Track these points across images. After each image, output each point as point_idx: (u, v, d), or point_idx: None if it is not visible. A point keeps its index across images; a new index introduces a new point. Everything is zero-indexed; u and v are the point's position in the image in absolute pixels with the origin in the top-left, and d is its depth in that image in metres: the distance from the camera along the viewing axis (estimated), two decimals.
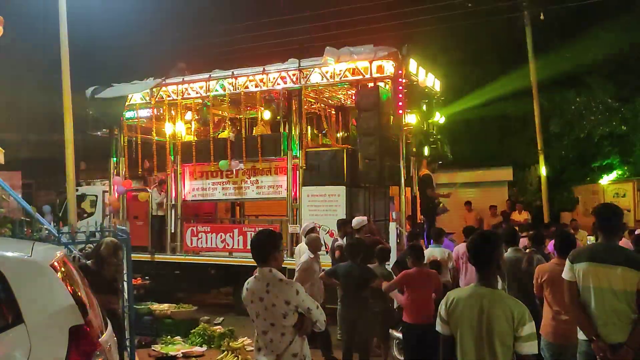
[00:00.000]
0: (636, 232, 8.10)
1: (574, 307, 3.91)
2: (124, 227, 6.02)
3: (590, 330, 3.79)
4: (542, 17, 14.55)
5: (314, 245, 7.02)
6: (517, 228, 7.85)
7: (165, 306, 8.64)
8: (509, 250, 6.25)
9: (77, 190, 11.24)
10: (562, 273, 4.13)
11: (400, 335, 6.29)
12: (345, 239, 7.74)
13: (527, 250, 6.38)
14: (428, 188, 10.44)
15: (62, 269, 3.35)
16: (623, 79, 16.51)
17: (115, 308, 4.90)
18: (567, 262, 4.00)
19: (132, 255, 6.25)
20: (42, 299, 3.08)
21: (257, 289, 3.62)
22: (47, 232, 5.99)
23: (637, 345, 3.66)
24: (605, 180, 16.14)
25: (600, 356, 3.73)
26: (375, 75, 9.20)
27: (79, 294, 3.39)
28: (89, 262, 5.08)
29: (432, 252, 7.64)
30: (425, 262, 7.15)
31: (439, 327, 3.14)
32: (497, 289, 3.12)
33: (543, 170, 15.29)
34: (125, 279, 5.67)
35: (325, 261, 7.82)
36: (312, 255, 6.93)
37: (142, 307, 8.50)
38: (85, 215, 12.63)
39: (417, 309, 5.73)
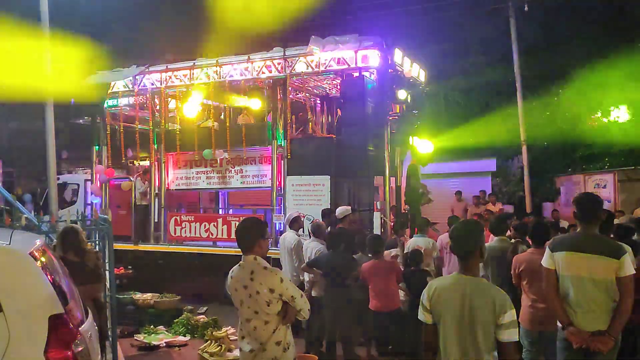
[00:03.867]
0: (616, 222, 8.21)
1: (552, 295, 3.95)
2: (105, 216, 5.95)
3: (565, 319, 3.85)
4: (526, 8, 14.62)
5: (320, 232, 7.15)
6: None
7: (148, 296, 8.60)
8: (495, 239, 6.33)
9: (58, 179, 11.08)
10: (538, 262, 4.19)
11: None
12: (329, 228, 7.77)
13: (512, 240, 6.46)
14: (413, 178, 10.48)
15: (42, 258, 3.30)
16: (605, 70, 16.68)
17: (99, 296, 4.81)
18: (547, 250, 4.05)
19: (115, 244, 6.20)
20: (21, 288, 3.03)
21: (241, 276, 3.61)
22: (27, 220, 5.91)
23: (617, 334, 3.72)
24: (586, 171, 16.36)
25: (576, 344, 3.78)
26: (360, 64, 9.17)
27: (59, 282, 3.34)
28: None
29: (416, 241, 7.69)
30: (407, 251, 7.29)
31: (421, 315, 3.16)
32: (479, 277, 3.14)
33: (525, 161, 15.45)
34: (107, 268, 5.61)
35: None
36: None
37: (125, 296, 8.45)
38: (66, 204, 12.48)
39: (382, 297, 6.18)
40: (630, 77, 14.57)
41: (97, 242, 5.87)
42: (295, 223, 7.70)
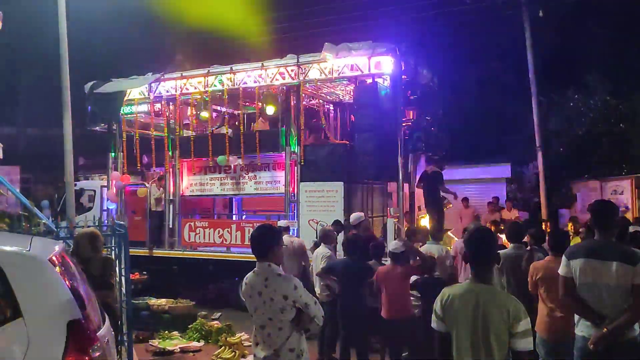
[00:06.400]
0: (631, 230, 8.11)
1: (572, 300, 3.91)
2: (122, 222, 6.02)
3: (593, 316, 3.77)
4: (540, 13, 14.52)
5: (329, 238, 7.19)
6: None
7: (162, 301, 8.66)
8: (511, 246, 6.27)
9: (75, 185, 11.22)
10: (555, 270, 4.15)
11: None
12: (342, 234, 7.78)
13: (528, 248, 6.41)
14: (440, 185, 10.39)
15: (61, 263, 3.36)
16: (621, 76, 16.53)
17: (110, 302, 4.82)
18: (564, 258, 4.02)
19: (130, 250, 6.26)
20: (40, 293, 3.08)
21: (255, 283, 3.63)
22: (45, 226, 6.00)
23: (615, 335, 3.66)
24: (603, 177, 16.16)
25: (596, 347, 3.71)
26: (373, 71, 9.20)
27: (77, 288, 3.40)
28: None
29: (429, 248, 7.63)
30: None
31: (434, 324, 3.15)
32: (492, 285, 3.13)
33: (541, 167, 15.29)
34: (123, 273, 5.66)
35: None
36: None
37: (140, 302, 8.51)
38: (83, 210, 12.61)
39: (395, 303, 6.06)
40: None
41: (113, 248, 5.93)
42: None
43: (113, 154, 11.78)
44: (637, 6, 15.72)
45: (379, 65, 9.14)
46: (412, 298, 6.46)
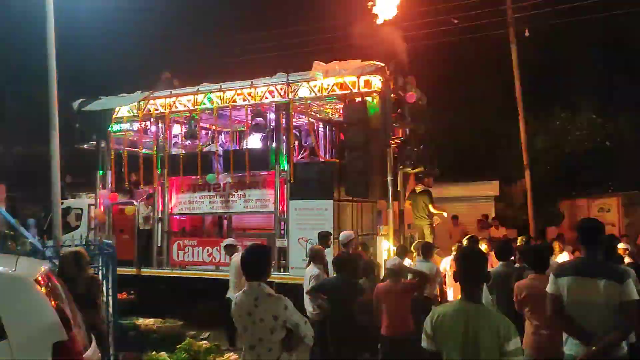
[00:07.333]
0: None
1: (560, 318, 3.92)
2: (109, 241, 5.95)
3: (582, 335, 3.77)
4: (527, 34, 14.77)
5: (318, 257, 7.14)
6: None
7: (150, 321, 8.55)
8: (500, 264, 6.29)
9: (62, 203, 11.11)
10: (539, 288, 4.17)
11: None
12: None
13: (517, 265, 6.43)
14: (431, 204, 10.53)
15: (47, 284, 3.31)
16: (606, 95, 16.83)
17: (96, 322, 4.72)
18: (551, 276, 4.04)
19: (118, 269, 6.20)
20: (26, 315, 3.03)
21: (245, 303, 3.60)
22: (31, 245, 5.92)
23: (603, 353, 3.66)
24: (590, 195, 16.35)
25: None
26: (362, 89, 9.26)
27: (63, 309, 3.34)
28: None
29: (420, 267, 7.63)
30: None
31: (424, 343, 3.14)
32: (482, 304, 3.13)
33: (529, 185, 15.43)
34: (110, 293, 5.58)
35: None
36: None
37: (128, 322, 8.39)
38: (70, 229, 12.46)
39: (395, 320, 5.98)
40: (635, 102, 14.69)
41: (100, 267, 5.86)
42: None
43: (101, 171, 11.69)
44: (621, 28, 16.08)
45: (369, 83, 9.21)
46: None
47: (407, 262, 8.18)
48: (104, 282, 5.51)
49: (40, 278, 3.23)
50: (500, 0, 14.78)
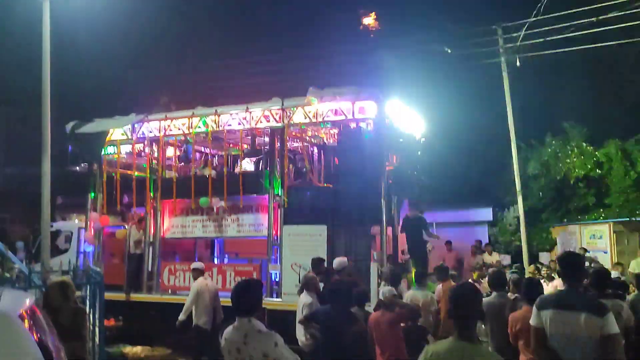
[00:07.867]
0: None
1: (544, 350, 3.89)
2: (98, 269, 5.83)
3: None
4: (518, 63, 14.93)
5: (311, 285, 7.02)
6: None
7: (138, 349, 8.39)
8: (494, 294, 6.20)
9: (51, 226, 10.95)
10: None
11: None
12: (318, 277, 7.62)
13: (510, 294, 6.34)
14: (426, 230, 10.37)
15: (30, 316, 3.21)
16: (596, 123, 17.00)
17: (81, 355, 4.57)
18: (534, 308, 4.02)
19: (107, 294, 6.06)
20: (8, 350, 2.92)
21: (234, 339, 3.50)
22: (18, 271, 5.79)
23: None
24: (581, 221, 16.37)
25: None
26: (357, 115, 9.29)
27: (46, 342, 3.24)
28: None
29: (414, 294, 7.52)
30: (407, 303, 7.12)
31: None
32: (477, 342, 3.06)
33: (522, 211, 15.42)
34: (97, 323, 5.45)
35: None
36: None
37: (115, 349, 8.22)
38: (58, 252, 12.26)
39: (387, 350, 5.92)
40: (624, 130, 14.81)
41: (87, 296, 5.72)
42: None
43: (92, 194, 11.57)
44: (608, 57, 16.32)
45: (363, 110, 9.24)
46: None
47: (403, 286, 8.12)
48: (91, 310, 5.37)
49: (24, 312, 3.14)
50: (493, 31, 14.93)
